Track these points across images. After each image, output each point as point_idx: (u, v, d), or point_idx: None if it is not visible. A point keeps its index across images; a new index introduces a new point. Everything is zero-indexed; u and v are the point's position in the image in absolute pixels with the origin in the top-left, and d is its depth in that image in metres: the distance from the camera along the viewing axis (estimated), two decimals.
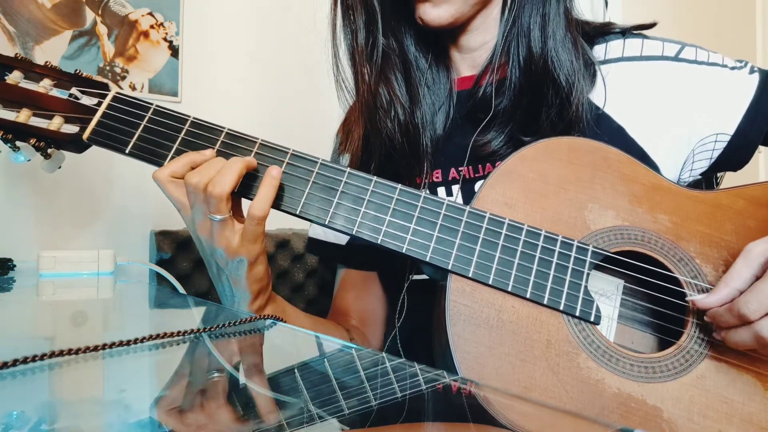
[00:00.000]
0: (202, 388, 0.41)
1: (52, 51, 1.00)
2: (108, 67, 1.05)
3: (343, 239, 0.82)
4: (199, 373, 0.44)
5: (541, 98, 0.66)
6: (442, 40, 0.75)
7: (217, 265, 0.62)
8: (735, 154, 0.69)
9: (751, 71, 0.70)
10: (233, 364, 0.47)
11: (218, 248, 0.59)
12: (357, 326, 0.81)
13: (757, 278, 0.52)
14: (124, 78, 1.07)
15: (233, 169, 0.57)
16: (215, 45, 1.20)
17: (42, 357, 0.39)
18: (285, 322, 0.62)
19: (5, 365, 0.37)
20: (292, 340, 0.57)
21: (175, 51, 1.13)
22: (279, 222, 1.18)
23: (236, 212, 0.61)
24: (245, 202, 0.62)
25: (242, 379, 0.44)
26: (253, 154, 0.61)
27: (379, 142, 0.71)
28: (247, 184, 0.60)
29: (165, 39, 1.12)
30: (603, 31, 0.74)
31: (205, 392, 0.40)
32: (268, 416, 0.35)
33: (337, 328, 0.78)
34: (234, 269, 0.61)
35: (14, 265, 0.89)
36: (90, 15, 1.04)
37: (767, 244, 0.53)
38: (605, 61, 0.71)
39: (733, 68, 0.69)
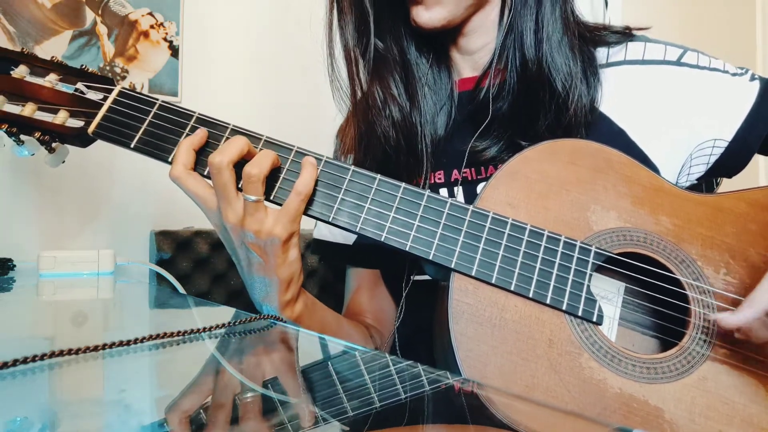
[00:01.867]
0: (203, 388, 0.41)
1: (52, 51, 1.00)
2: (108, 67, 1.05)
3: (350, 239, 0.82)
4: (199, 373, 0.44)
5: (538, 103, 0.66)
6: (443, 41, 0.75)
7: (247, 254, 0.61)
8: (731, 161, 0.69)
9: (752, 79, 0.70)
10: (233, 364, 0.47)
11: (249, 231, 0.58)
12: (373, 324, 0.81)
13: None
14: (124, 78, 1.06)
15: (269, 155, 0.58)
16: (215, 45, 1.20)
17: (42, 357, 0.38)
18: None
19: (5, 365, 0.36)
20: (292, 340, 0.57)
21: (175, 51, 1.13)
22: None
23: None
24: None
25: (243, 379, 0.44)
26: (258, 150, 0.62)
27: (375, 140, 0.71)
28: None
29: (165, 39, 1.12)
30: (604, 34, 0.74)
31: (205, 393, 0.40)
32: (270, 417, 0.35)
33: (358, 326, 0.78)
34: (267, 253, 0.59)
35: (14, 265, 0.88)
36: (90, 15, 1.04)
37: None
38: (607, 65, 0.71)
39: (734, 74, 0.70)
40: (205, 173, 0.60)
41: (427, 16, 0.67)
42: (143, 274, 0.99)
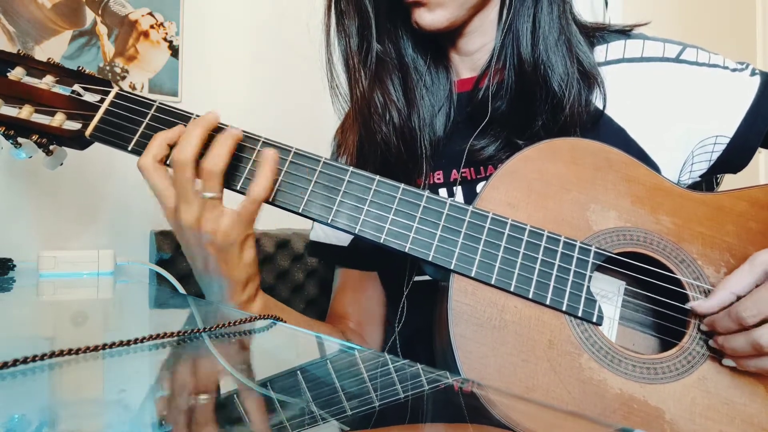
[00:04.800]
0: (202, 388, 0.41)
1: (52, 51, 1.00)
2: (108, 67, 1.05)
3: (344, 241, 0.81)
4: (199, 373, 0.44)
5: (535, 102, 0.66)
6: (441, 42, 0.74)
7: (204, 255, 0.61)
8: (734, 157, 0.69)
9: (752, 73, 0.69)
10: (233, 364, 0.47)
11: (205, 233, 0.58)
12: (354, 329, 0.81)
13: (758, 286, 0.52)
14: (124, 78, 1.06)
15: (226, 144, 0.57)
16: (215, 45, 1.20)
17: (42, 357, 0.38)
18: (285, 321, 0.62)
19: (5, 365, 0.36)
20: (292, 341, 0.57)
21: (175, 51, 1.13)
22: (279, 222, 1.18)
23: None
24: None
25: (243, 379, 0.44)
26: (255, 152, 0.61)
27: (374, 146, 0.71)
28: (230, 174, 0.60)
29: (165, 39, 1.12)
30: (602, 32, 0.74)
31: (205, 392, 0.40)
32: (270, 417, 0.35)
33: (332, 331, 0.78)
34: (223, 253, 0.60)
35: (14, 265, 0.88)
36: (90, 15, 1.04)
37: None
38: (606, 63, 0.71)
39: (734, 70, 0.69)
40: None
41: (429, 18, 0.66)
42: (143, 274, 0.99)
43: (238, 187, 0.61)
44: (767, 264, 0.53)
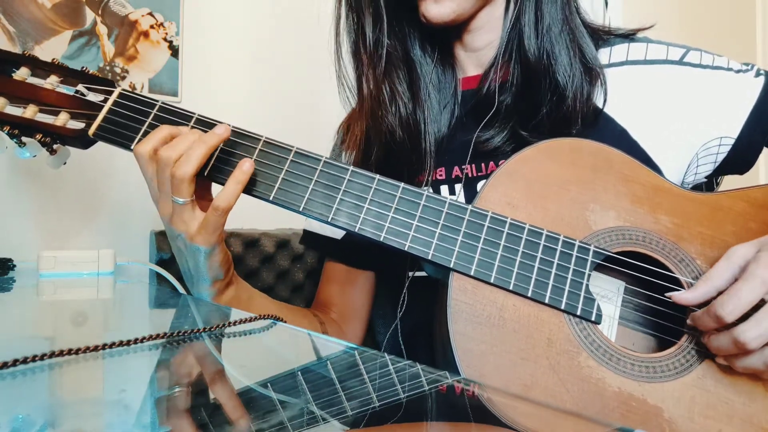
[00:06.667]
0: (202, 388, 0.41)
1: (52, 51, 1.00)
2: (108, 67, 1.05)
3: (338, 233, 0.82)
4: (198, 373, 0.44)
5: (540, 93, 0.67)
6: (448, 39, 0.75)
7: (177, 247, 0.64)
8: (740, 157, 0.69)
9: (757, 74, 0.70)
10: (233, 364, 0.47)
11: (178, 232, 0.60)
12: (335, 320, 0.82)
13: (737, 280, 0.52)
14: (123, 78, 1.07)
15: (198, 151, 0.57)
16: (215, 45, 1.20)
17: (42, 357, 0.38)
18: (284, 321, 0.62)
19: (5, 365, 0.36)
20: (293, 341, 0.57)
21: (175, 51, 1.13)
22: (279, 222, 1.18)
23: (204, 197, 0.62)
24: (216, 188, 0.62)
25: (242, 378, 0.44)
26: (256, 152, 0.62)
27: (380, 137, 0.72)
28: (220, 168, 0.61)
29: (165, 39, 1.12)
30: (607, 36, 0.74)
31: (205, 392, 0.40)
32: (269, 416, 0.35)
33: (310, 319, 0.78)
34: (191, 254, 0.62)
35: (14, 265, 0.88)
36: (90, 15, 1.04)
37: (750, 247, 0.53)
38: (610, 65, 0.71)
39: (738, 71, 0.69)
40: None
41: (436, 10, 0.67)
42: (143, 274, 0.99)
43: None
44: (744, 258, 0.52)
